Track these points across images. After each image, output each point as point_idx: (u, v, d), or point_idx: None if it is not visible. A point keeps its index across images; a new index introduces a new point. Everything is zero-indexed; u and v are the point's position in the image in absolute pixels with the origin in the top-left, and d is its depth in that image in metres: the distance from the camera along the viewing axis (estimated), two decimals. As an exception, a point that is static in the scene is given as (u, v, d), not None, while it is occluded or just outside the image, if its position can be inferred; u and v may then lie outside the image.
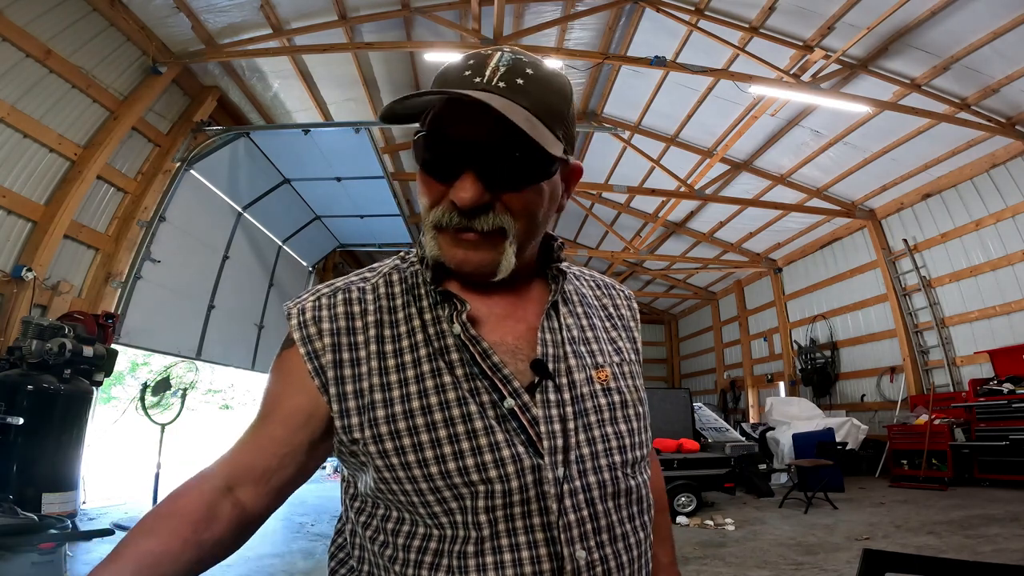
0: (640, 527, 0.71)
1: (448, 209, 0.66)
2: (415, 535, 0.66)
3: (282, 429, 0.68)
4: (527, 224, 0.68)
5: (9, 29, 4.84)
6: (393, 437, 0.64)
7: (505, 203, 0.65)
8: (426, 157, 0.67)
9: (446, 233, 0.67)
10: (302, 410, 0.68)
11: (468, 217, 0.65)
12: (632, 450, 0.72)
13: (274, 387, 0.71)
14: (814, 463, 6.38)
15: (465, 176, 0.63)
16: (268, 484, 0.66)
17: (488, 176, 0.63)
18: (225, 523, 0.63)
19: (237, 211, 8.29)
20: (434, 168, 0.66)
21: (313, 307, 0.71)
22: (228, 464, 0.67)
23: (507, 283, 0.71)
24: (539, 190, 0.67)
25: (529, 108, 0.62)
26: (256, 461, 0.67)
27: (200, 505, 0.63)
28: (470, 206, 0.63)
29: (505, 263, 0.67)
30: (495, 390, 0.66)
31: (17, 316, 5.03)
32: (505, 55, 0.65)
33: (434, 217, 0.67)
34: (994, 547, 3.91)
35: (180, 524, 0.61)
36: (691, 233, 12.01)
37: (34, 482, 4.11)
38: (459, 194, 0.63)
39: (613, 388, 0.73)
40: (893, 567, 0.92)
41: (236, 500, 0.65)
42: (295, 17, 6.64)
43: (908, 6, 5.58)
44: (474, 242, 0.66)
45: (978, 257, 7.83)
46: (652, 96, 8.48)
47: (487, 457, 0.63)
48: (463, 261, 0.67)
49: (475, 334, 0.68)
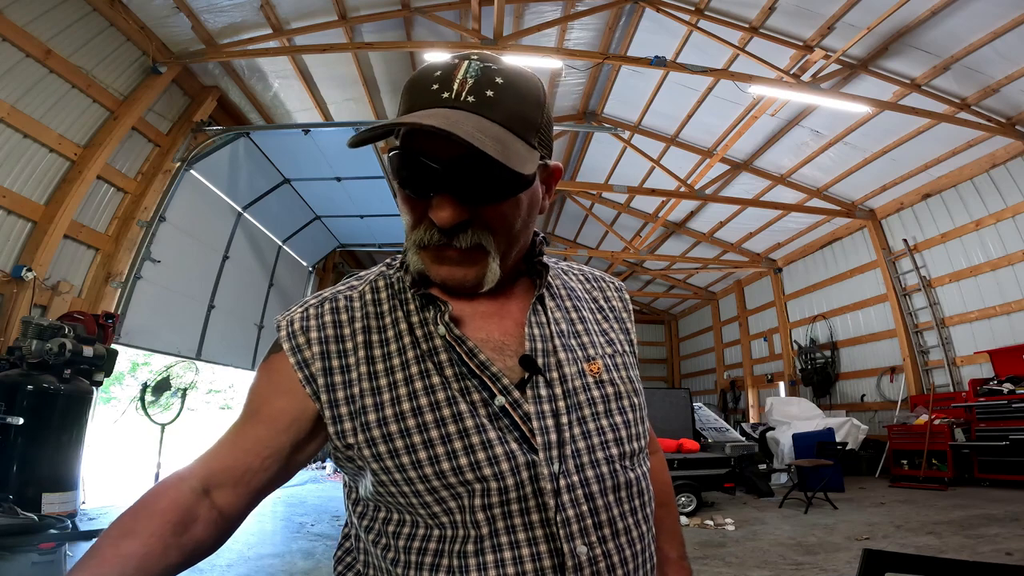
0: (643, 520, 0.71)
1: (428, 227, 0.66)
2: (415, 536, 0.65)
3: (267, 431, 0.67)
4: (507, 236, 0.68)
5: (9, 29, 4.84)
6: (386, 440, 0.64)
7: (484, 218, 0.66)
8: (402, 175, 0.66)
9: (429, 251, 0.68)
10: (287, 413, 0.67)
11: (447, 236, 0.65)
12: (629, 442, 0.72)
13: (260, 389, 0.70)
14: (814, 463, 6.38)
15: (442, 196, 0.64)
16: (248, 485, 0.65)
17: (464, 194, 0.64)
18: (203, 525, 0.62)
19: (237, 211, 8.29)
20: (411, 185, 0.66)
21: (301, 318, 0.71)
22: (207, 464, 0.65)
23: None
24: (517, 202, 0.67)
25: (501, 122, 0.62)
26: (237, 462, 0.65)
27: (178, 507, 0.61)
28: (448, 226, 0.64)
29: (490, 276, 0.68)
30: (485, 388, 0.66)
31: (17, 316, 5.03)
32: (473, 64, 0.64)
33: (416, 237, 0.68)
34: (994, 547, 3.91)
35: (160, 525, 0.59)
36: (691, 233, 12.01)
37: (34, 482, 4.10)
38: (437, 214, 0.64)
39: (606, 380, 0.73)
40: (893, 567, 0.92)
41: (213, 502, 0.63)
42: (295, 17, 6.64)
43: (908, 6, 5.58)
44: (456, 259, 0.67)
45: (978, 257, 7.83)
46: (652, 96, 8.49)
47: (480, 455, 0.63)
48: (447, 277, 0.69)
49: (459, 334, 0.68)
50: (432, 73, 0.64)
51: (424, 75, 0.65)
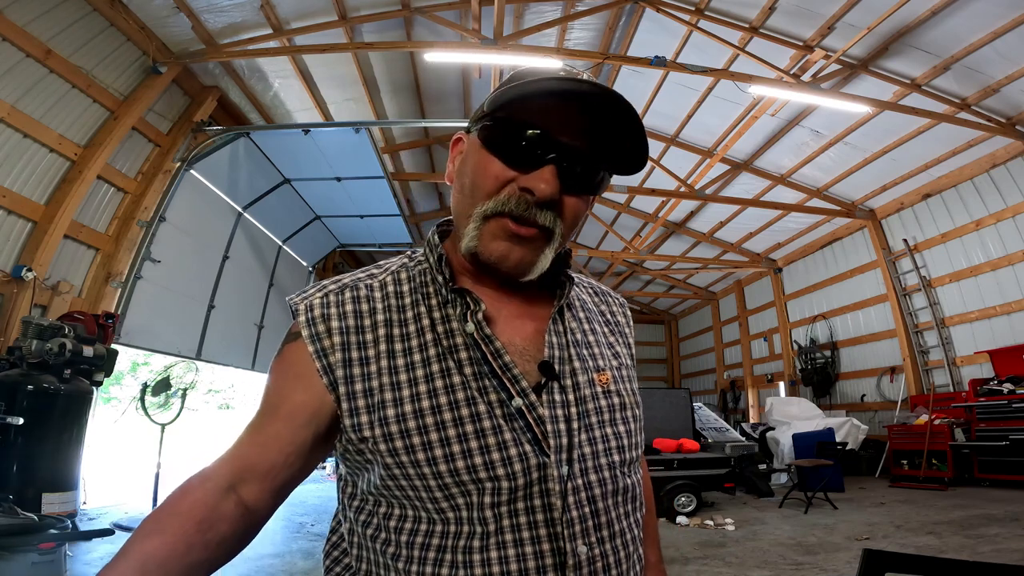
0: (635, 523, 0.74)
1: (516, 196, 0.66)
2: (418, 531, 0.66)
3: (286, 427, 0.67)
4: (569, 230, 0.70)
5: (9, 29, 4.84)
6: (404, 436, 0.65)
7: (565, 205, 0.67)
8: (504, 143, 0.67)
9: (499, 220, 0.67)
10: (307, 407, 0.67)
11: (538, 208, 0.66)
12: (629, 450, 0.75)
13: (277, 384, 0.70)
14: (814, 463, 6.38)
15: (547, 168, 0.65)
16: (272, 482, 0.66)
17: (567, 177, 0.66)
18: (229, 523, 0.62)
19: (237, 211, 8.29)
20: (511, 154, 0.66)
21: (321, 304, 0.70)
22: (230, 463, 0.66)
23: (519, 285, 0.73)
24: (588, 201, 0.70)
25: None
26: (260, 459, 0.66)
27: (204, 505, 0.62)
28: (548, 197, 0.64)
29: (541, 263, 0.69)
30: (503, 389, 0.67)
31: (17, 316, 5.03)
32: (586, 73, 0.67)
33: (491, 205, 0.67)
34: (994, 547, 3.91)
35: (185, 524, 0.60)
36: (691, 233, 12.01)
37: (34, 482, 4.11)
38: (539, 184, 0.64)
39: (613, 391, 0.76)
40: (893, 567, 0.92)
41: (239, 499, 0.64)
42: (295, 17, 6.64)
43: (908, 6, 5.58)
44: (527, 238, 0.67)
45: (978, 257, 7.83)
46: (652, 96, 8.48)
47: (495, 456, 0.64)
48: (504, 256, 0.68)
49: (489, 333, 0.69)
50: (550, 70, 0.67)
51: (540, 69, 0.68)
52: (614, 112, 0.65)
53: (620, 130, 0.67)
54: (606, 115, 0.66)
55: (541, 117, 0.65)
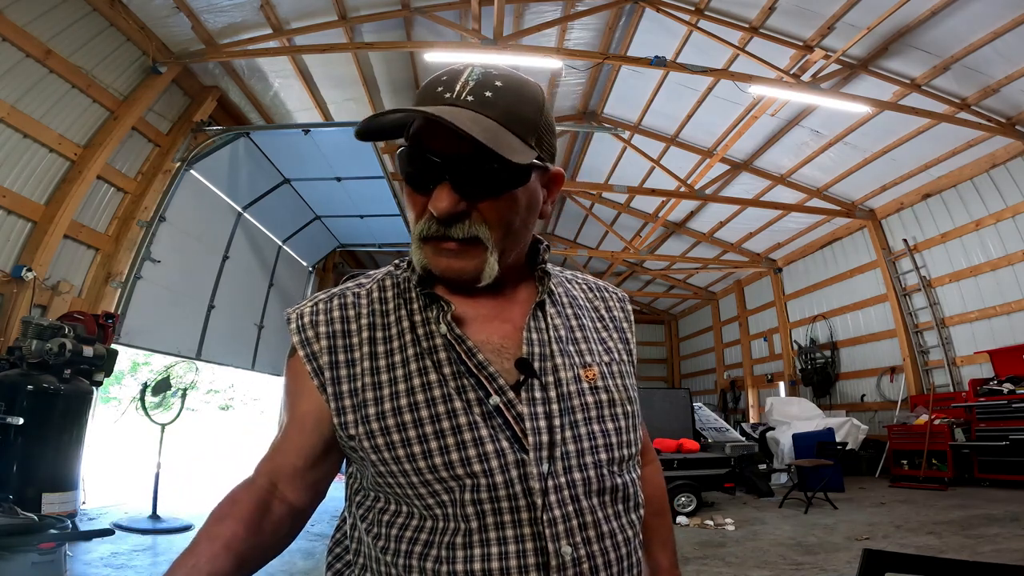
0: (628, 525, 0.72)
1: (428, 219, 0.69)
2: (408, 527, 0.68)
3: (299, 434, 0.74)
4: (504, 232, 0.70)
5: (9, 29, 4.84)
6: (384, 433, 0.67)
7: (481, 212, 0.68)
8: (407, 170, 0.70)
9: (429, 243, 0.70)
10: (311, 415, 0.73)
11: (445, 226, 0.68)
12: (619, 448, 0.73)
13: (289, 390, 0.76)
14: (814, 463, 6.38)
15: (441, 187, 0.66)
16: (303, 480, 0.74)
17: (463, 186, 0.66)
18: (278, 515, 0.72)
19: (237, 211, 8.28)
20: (415, 181, 0.69)
21: (311, 312, 0.75)
22: (266, 466, 0.75)
23: (493, 286, 0.73)
24: (513, 198, 0.69)
25: (497, 118, 0.64)
26: (286, 463, 0.74)
27: (256, 499, 0.72)
28: (445, 215, 0.66)
29: (488, 270, 0.70)
30: (480, 387, 0.68)
31: (17, 316, 5.02)
32: (476, 70, 0.67)
33: (417, 230, 0.71)
34: (994, 547, 3.91)
35: (246, 511, 0.70)
36: (691, 233, 12.01)
37: (34, 482, 4.11)
38: (435, 204, 0.66)
39: (601, 387, 0.75)
40: (893, 567, 0.92)
41: (283, 496, 0.73)
42: (295, 17, 6.64)
43: (908, 6, 5.58)
44: (455, 251, 0.69)
45: (978, 257, 7.83)
46: (652, 96, 8.49)
47: (471, 452, 0.65)
48: (446, 268, 0.70)
49: (460, 333, 0.70)
50: (439, 78, 0.69)
51: (431, 80, 0.69)
52: (466, 116, 0.62)
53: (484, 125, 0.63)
54: (466, 120, 0.62)
55: (428, 137, 0.67)
